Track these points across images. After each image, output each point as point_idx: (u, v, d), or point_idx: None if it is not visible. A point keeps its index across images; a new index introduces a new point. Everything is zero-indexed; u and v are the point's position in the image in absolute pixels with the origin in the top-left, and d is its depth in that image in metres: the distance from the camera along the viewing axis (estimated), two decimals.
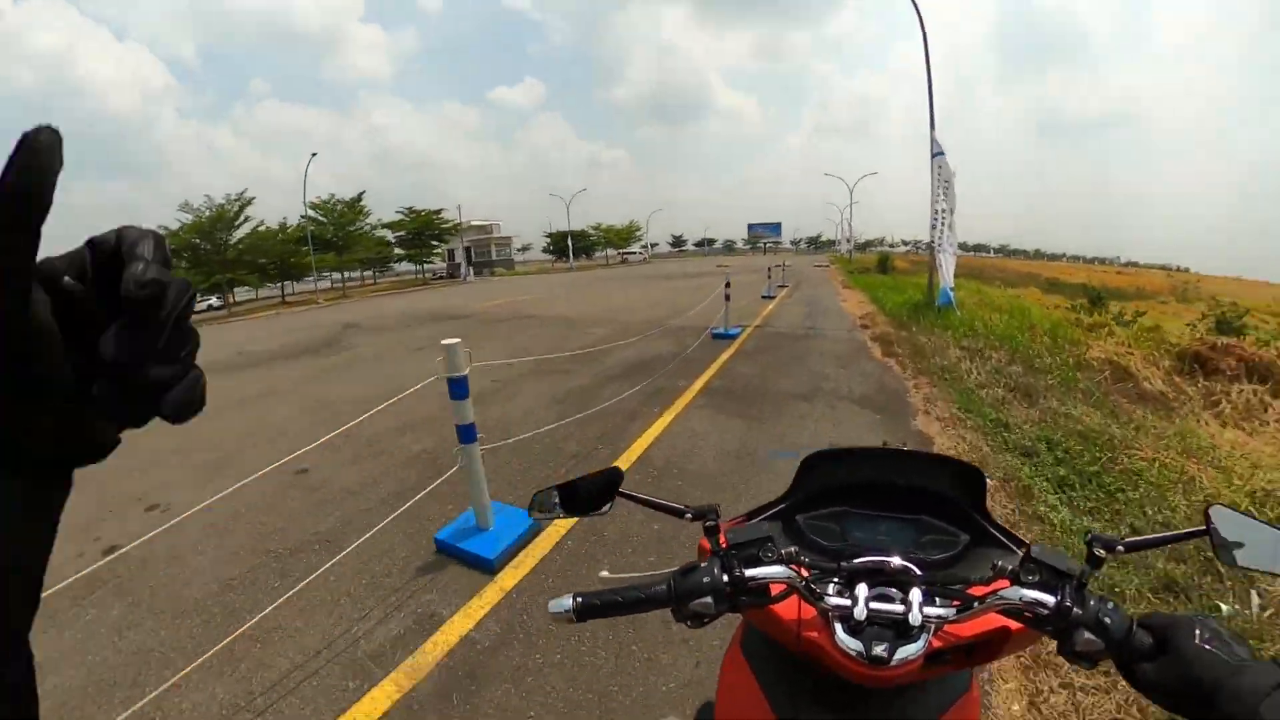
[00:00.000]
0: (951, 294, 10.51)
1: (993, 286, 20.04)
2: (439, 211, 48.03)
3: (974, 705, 0.77)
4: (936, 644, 0.64)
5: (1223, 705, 0.47)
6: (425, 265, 57.23)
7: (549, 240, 66.50)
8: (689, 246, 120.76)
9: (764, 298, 16.12)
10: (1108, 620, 0.56)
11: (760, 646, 0.81)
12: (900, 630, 0.62)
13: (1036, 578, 0.59)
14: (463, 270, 46.88)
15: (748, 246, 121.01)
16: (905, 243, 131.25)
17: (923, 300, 11.98)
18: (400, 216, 46.91)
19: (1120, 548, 0.62)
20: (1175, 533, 0.65)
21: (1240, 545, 0.65)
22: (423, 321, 14.35)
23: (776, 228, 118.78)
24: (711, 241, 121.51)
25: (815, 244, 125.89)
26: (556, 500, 0.79)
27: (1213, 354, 6.11)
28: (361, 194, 41.99)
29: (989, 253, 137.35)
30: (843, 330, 10.04)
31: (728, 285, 9.65)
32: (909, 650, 0.60)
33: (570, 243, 59.45)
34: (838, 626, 0.63)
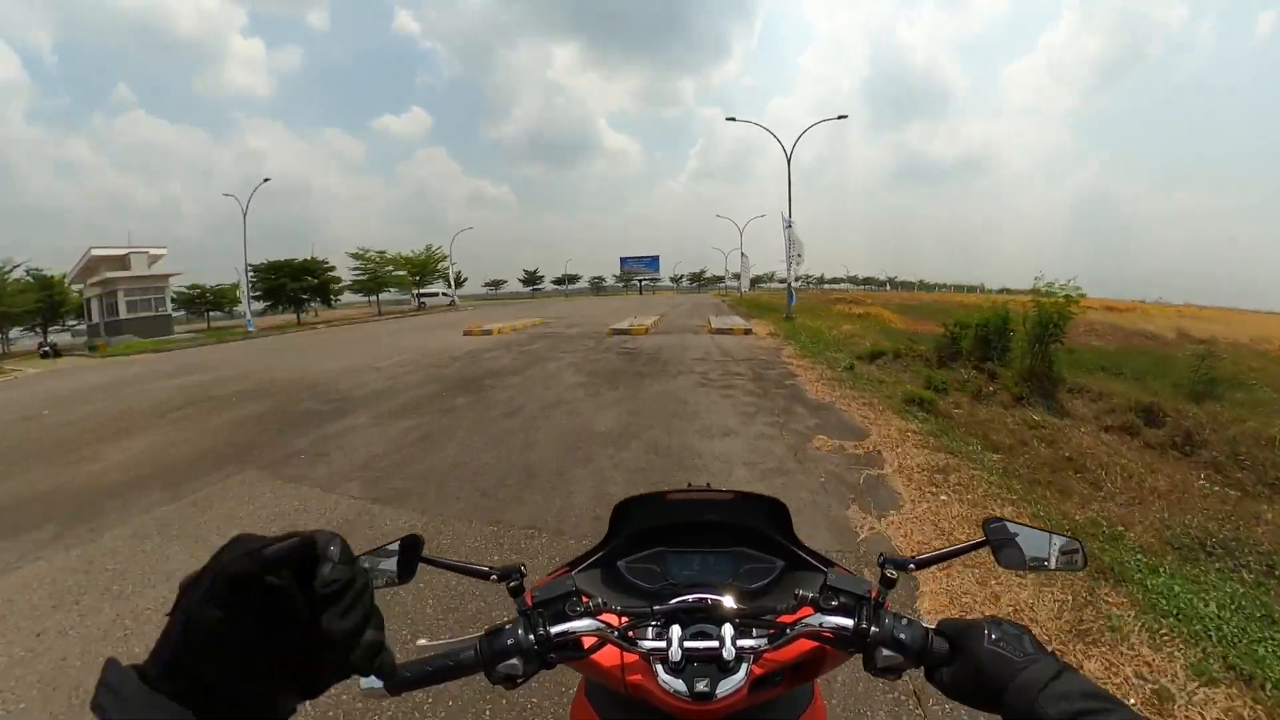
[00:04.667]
0: None
1: None
2: None
3: (820, 713, 0.81)
4: (759, 671, 0.65)
5: (1009, 700, 0.50)
6: None
7: (253, 279, 37.50)
8: (546, 285, 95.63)
9: None
10: (903, 636, 0.59)
11: (603, 692, 0.79)
12: (721, 664, 0.62)
13: (836, 603, 0.63)
14: None
15: (620, 284, 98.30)
16: (799, 279, 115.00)
17: None
18: None
19: (911, 566, 0.68)
20: (960, 546, 0.71)
21: (1015, 548, 0.70)
22: None
23: (654, 261, 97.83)
24: (574, 278, 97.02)
25: (699, 281, 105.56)
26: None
27: None
28: None
29: (880, 287, 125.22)
30: None
31: None
32: (731, 683, 0.62)
33: (246, 281, 30.97)
34: (658, 668, 0.64)
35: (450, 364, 10.49)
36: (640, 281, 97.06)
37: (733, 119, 21.52)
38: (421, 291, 52.26)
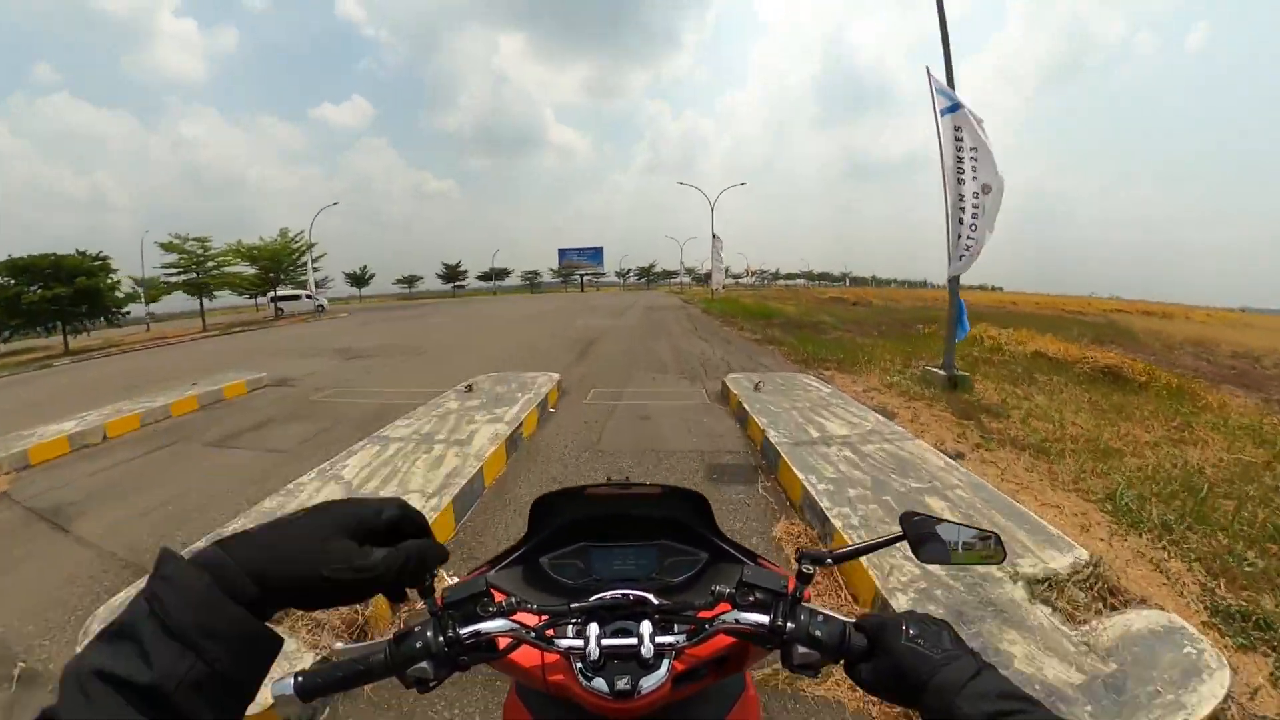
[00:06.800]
0: None
1: None
2: None
3: (752, 704, 0.79)
4: (681, 667, 0.64)
5: (927, 699, 0.49)
6: None
7: None
8: (471, 281, 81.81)
9: None
10: (819, 632, 0.58)
11: (534, 689, 0.77)
12: (641, 661, 0.61)
13: (752, 598, 0.61)
14: None
15: (559, 279, 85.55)
16: (751, 273, 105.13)
17: None
18: None
19: (829, 560, 0.64)
20: (877, 540, 0.67)
21: (933, 541, 0.67)
22: None
23: (597, 254, 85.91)
24: (503, 273, 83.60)
25: (648, 276, 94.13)
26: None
27: None
28: None
29: (837, 282, 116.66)
30: None
31: None
32: (653, 680, 0.60)
33: None
34: (578, 666, 0.62)
35: None
36: (582, 276, 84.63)
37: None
38: (279, 295, 38.62)
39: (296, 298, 39.49)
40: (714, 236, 29.14)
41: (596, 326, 14.58)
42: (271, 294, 38.60)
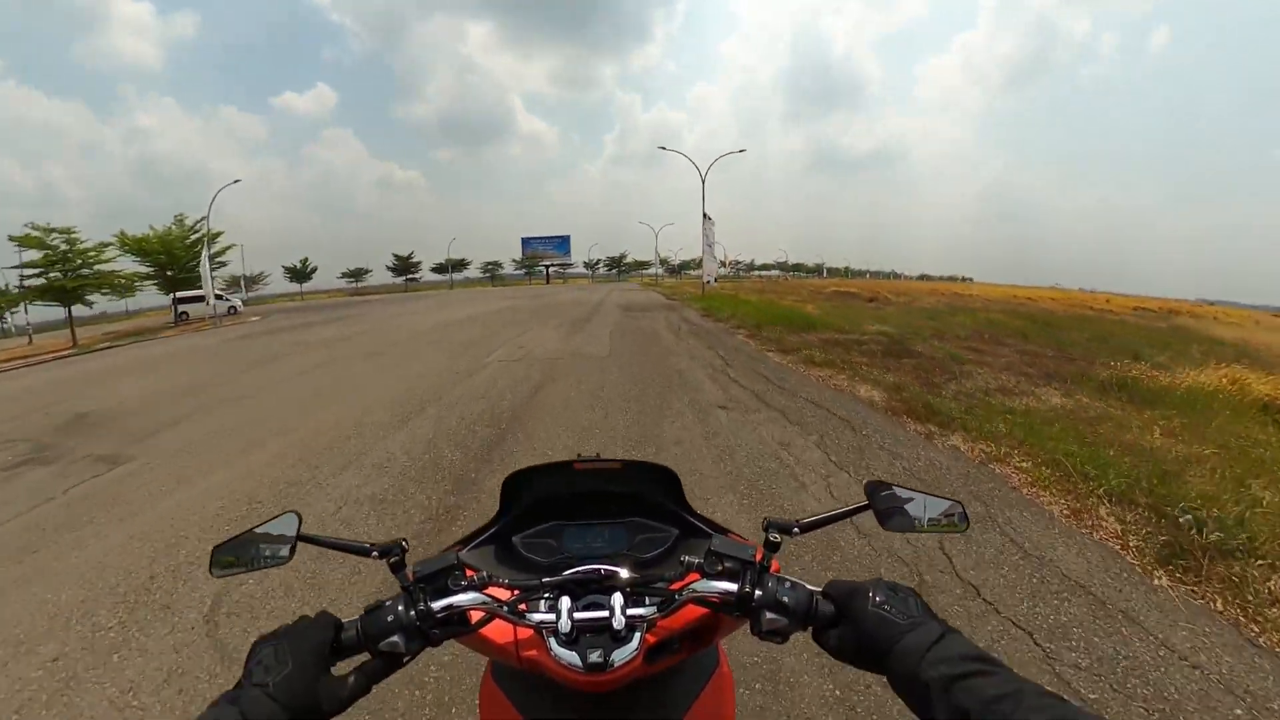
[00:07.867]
0: None
1: None
2: None
3: (726, 680, 0.80)
4: (653, 639, 0.64)
5: (892, 663, 0.51)
6: None
7: None
8: (425, 274, 75.16)
9: None
10: (786, 599, 0.59)
11: (508, 671, 0.77)
12: (614, 634, 0.61)
13: (720, 568, 0.62)
14: None
15: (523, 271, 79.32)
16: (728, 264, 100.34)
17: None
18: None
19: (796, 530, 0.65)
20: (843, 509, 0.68)
21: (898, 512, 0.69)
22: None
23: (563, 243, 79.99)
24: (461, 264, 76.96)
25: (618, 266, 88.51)
26: (233, 557, 0.71)
27: None
28: None
29: (812, 273, 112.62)
30: None
31: None
32: (624, 652, 0.60)
33: None
34: (551, 641, 0.62)
35: None
36: (547, 268, 78.58)
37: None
38: (182, 295, 32.66)
39: (200, 299, 33.52)
40: (705, 216, 23.86)
41: (541, 356, 9.11)
42: (173, 295, 33.00)
